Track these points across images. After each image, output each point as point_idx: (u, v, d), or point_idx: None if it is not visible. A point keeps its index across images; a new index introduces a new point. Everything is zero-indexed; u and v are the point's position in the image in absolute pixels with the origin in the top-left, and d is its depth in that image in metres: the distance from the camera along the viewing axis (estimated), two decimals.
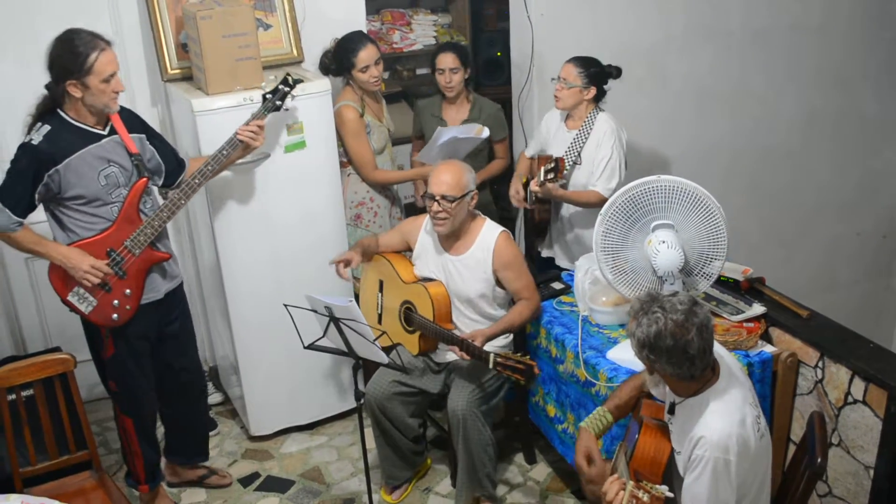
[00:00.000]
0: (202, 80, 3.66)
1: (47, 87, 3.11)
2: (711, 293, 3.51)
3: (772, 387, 3.29)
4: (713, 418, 2.40)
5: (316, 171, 3.87)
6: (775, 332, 3.39)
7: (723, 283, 3.59)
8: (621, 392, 2.84)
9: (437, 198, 3.36)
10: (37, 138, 3.04)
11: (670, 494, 2.31)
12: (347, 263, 3.54)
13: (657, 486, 2.30)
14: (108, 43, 3.08)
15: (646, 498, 2.26)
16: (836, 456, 3.17)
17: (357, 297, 3.95)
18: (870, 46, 5.35)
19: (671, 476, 2.56)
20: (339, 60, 4.05)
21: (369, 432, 3.54)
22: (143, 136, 3.30)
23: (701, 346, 2.37)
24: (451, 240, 3.50)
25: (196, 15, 3.54)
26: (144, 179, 3.23)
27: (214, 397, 4.47)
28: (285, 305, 3.16)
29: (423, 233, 3.60)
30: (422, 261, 3.59)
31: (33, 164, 3.02)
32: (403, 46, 5.60)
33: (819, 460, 2.52)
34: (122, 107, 3.24)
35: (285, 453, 4.11)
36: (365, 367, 3.51)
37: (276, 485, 3.89)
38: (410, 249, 3.67)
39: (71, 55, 3.00)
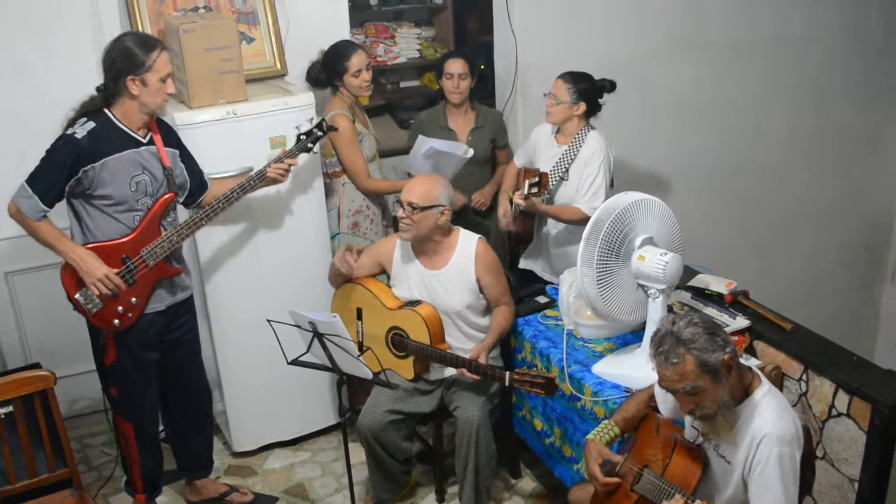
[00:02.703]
0: (185, 93, 3.64)
1: (99, 88, 3.16)
2: (696, 306, 3.52)
3: None
4: (772, 416, 2.41)
5: (299, 184, 3.85)
6: (759, 346, 3.39)
7: (707, 296, 3.59)
8: (628, 405, 2.84)
9: (404, 203, 3.36)
10: (80, 132, 3.07)
11: None
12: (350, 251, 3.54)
13: None
14: (165, 46, 3.16)
15: None
16: (821, 469, 3.17)
17: None
18: (848, 58, 5.38)
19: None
20: (329, 68, 4.04)
21: (353, 447, 3.51)
22: (177, 152, 3.35)
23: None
24: (428, 255, 3.49)
25: (179, 28, 3.53)
26: (172, 194, 3.28)
27: None
28: (269, 321, 3.14)
29: (397, 252, 3.57)
30: (400, 281, 3.56)
31: (72, 156, 3.05)
32: (387, 59, 5.59)
33: (808, 475, 2.52)
34: (162, 120, 3.31)
35: (269, 469, 4.07)
36: (349, 383, 3.49)
37: (259, 501, 3.84)
38: (384, 272, 3.64)
39: (132, 53, 3.06)
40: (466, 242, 3.48)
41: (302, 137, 3.58)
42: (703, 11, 4.95)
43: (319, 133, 3.62)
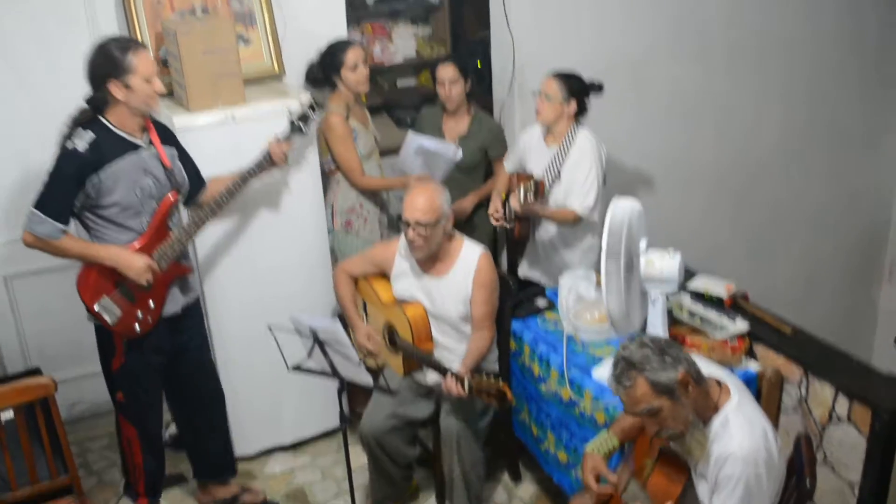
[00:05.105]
0: (183, 96, 3.63)
1: (87, 99, 3.13)
2: (695, 310, 3.51)
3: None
4: (739, 434, 2.39)
5: (297, 184, 3.84)
6: (759, 349, 3.39)
7: (706, 299, 3.59)
8: (625, 416, 2.81)
9: (412, 223, 3.33)
10: (81, 145, 3.04)
11: None
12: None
13: None
14: (143, 45, 3.13)
15: None
16: (821, 474, 3.17)
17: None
18: (842, 56, 5.37)
19: None
20: (326, 64, 4.04)
21: (353, 451, 3.51)
22: (175, 150, 3.32)
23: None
24: (430, 262, 3.46)
25: (176, 31, 3.51)
26: (176, 193, 3.26)
27: None
28: (269, 328, 3.13)
29: (398, 258, 3.55)
30: (400, 282, 3.55)
31: (78, 170, 3.03)
32: (384, 59, 5.57)
33: (808, 482, 2.53)
34: (156, 120, 3.28)
35: (269, 474, 4.07)
36: (350, 389, 3.48)
37: None
38: (384, 274, 3.63)
39: (111, 57, 3.04)
40: (469, 254, 3.44)
41: (294, 121, 3.57)
42: (699, 12, 4.93)
43: (311, 113, 3.59)
